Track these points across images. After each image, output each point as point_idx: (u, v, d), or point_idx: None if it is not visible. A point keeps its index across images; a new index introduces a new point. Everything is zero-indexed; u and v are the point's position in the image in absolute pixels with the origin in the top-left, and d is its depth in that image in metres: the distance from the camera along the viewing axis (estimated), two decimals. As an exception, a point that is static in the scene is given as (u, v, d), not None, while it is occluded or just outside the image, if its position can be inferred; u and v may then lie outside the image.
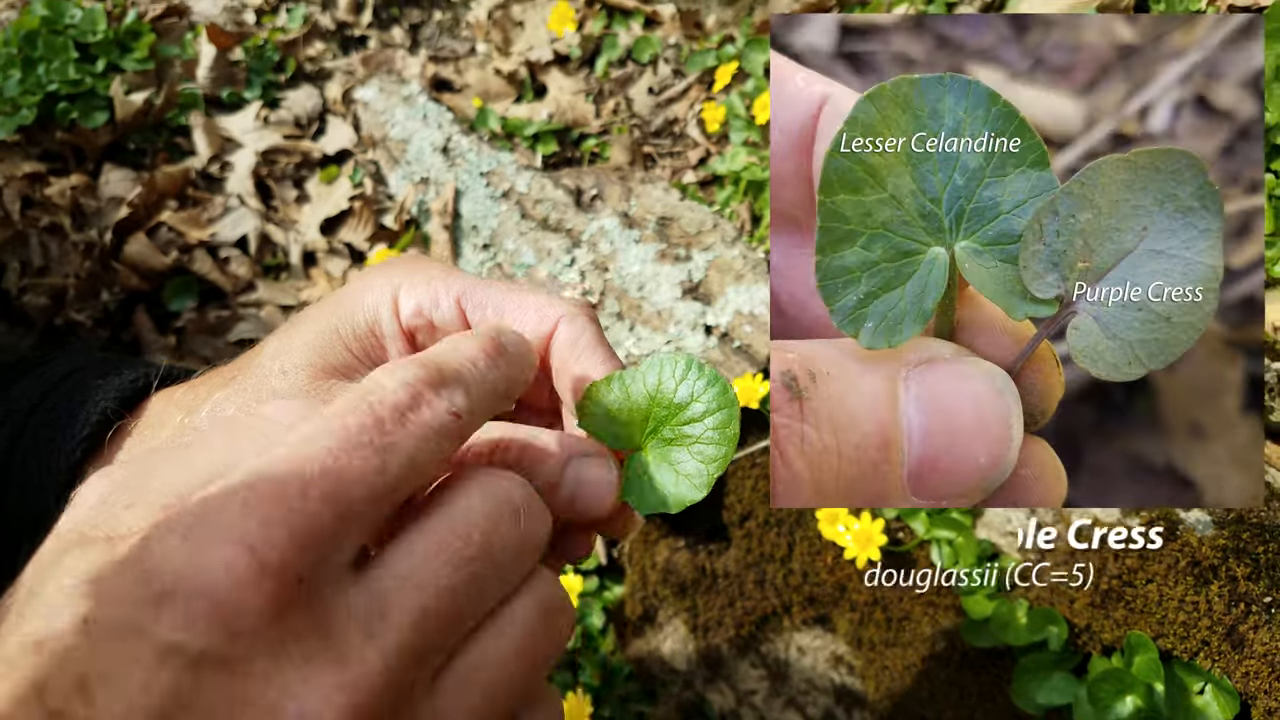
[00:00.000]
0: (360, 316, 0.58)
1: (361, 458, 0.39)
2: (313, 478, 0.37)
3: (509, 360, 0.46)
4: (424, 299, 0.57)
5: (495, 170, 1.52)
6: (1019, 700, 0.97)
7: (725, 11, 1.67)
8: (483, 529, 0.42)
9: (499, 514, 0.43)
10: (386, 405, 0.40)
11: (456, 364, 0.44)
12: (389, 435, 0.40)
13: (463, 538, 0.41)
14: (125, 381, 0.62)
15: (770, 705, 1.20)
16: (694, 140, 1.57)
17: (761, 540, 1.14)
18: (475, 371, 0.44)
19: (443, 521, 0.42)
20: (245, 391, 0.57)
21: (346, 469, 0.38)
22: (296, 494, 0.37)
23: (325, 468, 0.38)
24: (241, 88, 1.74)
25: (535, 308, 0.56)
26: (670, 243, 1.32)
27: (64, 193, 1.52)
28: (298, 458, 0.38)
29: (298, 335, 0.58)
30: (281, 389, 0.56)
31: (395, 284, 0.58)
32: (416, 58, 1.81)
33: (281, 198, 1.63)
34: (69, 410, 0.61)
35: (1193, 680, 0.89)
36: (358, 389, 0.41)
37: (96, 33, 1.64)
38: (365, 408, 0.40)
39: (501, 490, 0.44)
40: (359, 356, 0.58)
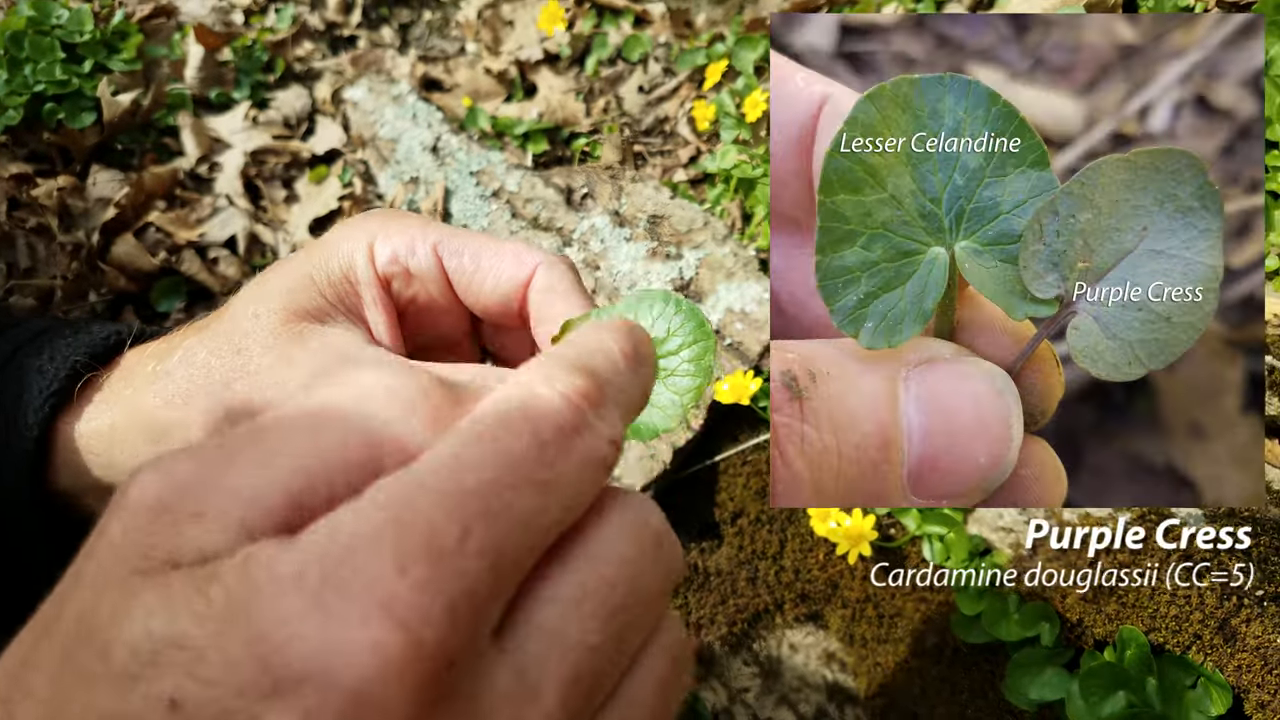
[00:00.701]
0: (335, 263, 0.57)
1: (525, 496, 0.31)
2: (471, 522, 0.29)
3: (645, 368, 0.40)
4: (400, 246, 0.56)
5: (485, 169, 1.52)
6: (1011, 696, 0.97)
7: (715, 10, 1.67)
8: (630, 569, 0.35)
9: (642, 547, 0.35)
10: (550, 426, 0.33)
11: (608, 371, 0.37)
12: (553, 467, 0.32)
13: (610, 583, 0.34)
14: (96, 338, 0.61)
15: (763, 703, 1.20)
16: (684, 139, 1.57)
17: (753, 538, 1.15)
18: (621, 379, 0.38)
19: (584, 562, 0.34)
20: (218, 336, 0.56)
21: (507, 512, 0.30)
22: (454, 546, 0.29)
23: (486, 509, 0.30)
24: (230, 88, 1.73)
25: (513, 254, 0.56)
26: (661, 241, 1.32)
27: (51, 194, 1.51)
28: (451, 489, 0.30)
29: (271, 280, 0.57)
30: (252, 331, 0.54)
31: (371, 232, 0.57)
32: (406, 57, 1.81)
33: (270, 198, 1.63)
34: (38, 367, 0.59)
35: (1185, 674, 0.90)
36: (509, 396, 0.33)
37: (83, 33, 1.63)
38: (527, 427, 0.32)
39: (641, 516, 0.36)
40: (332, 302, 0.56)
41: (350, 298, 0.57)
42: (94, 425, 0.58)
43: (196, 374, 0.55)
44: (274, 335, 0.54)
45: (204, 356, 0.55)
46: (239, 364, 0.54)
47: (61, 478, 0.58)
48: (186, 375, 0.55)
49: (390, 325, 0.58)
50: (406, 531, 0.28)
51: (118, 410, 0.57)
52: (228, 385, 0.53)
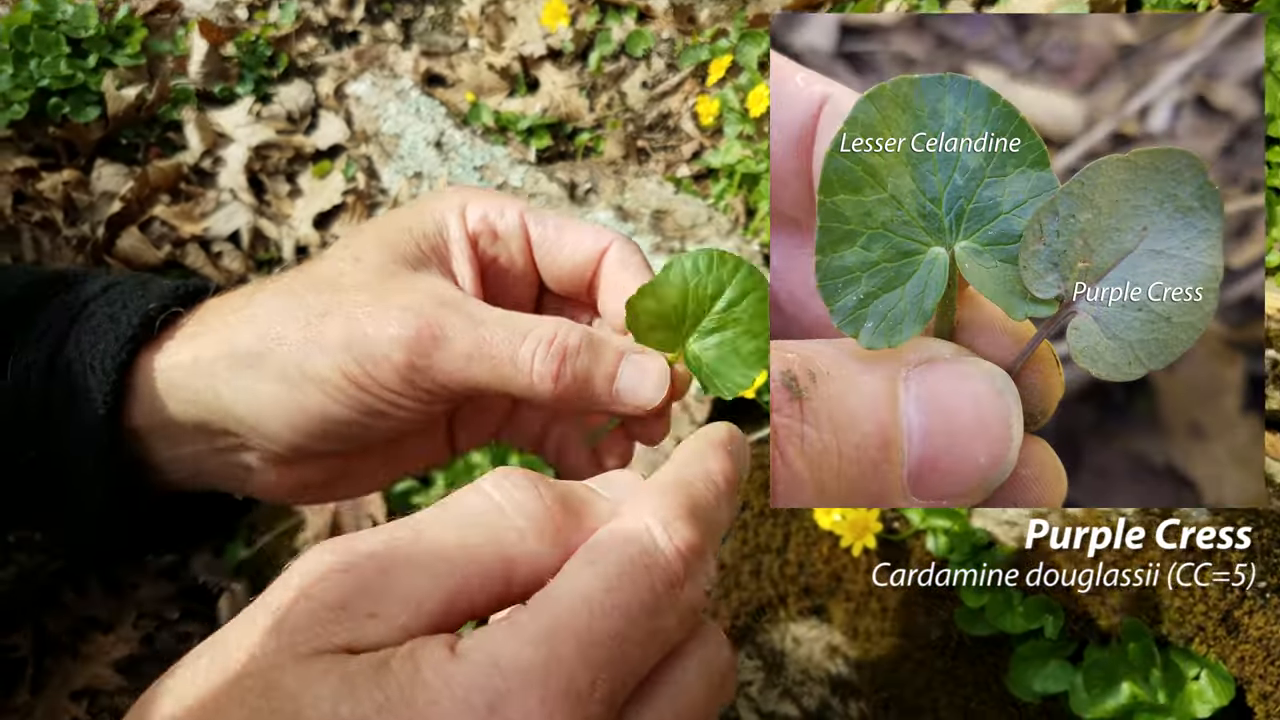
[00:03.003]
0: (430, 219, 0.61)
1: (641, 646, 0.36)
2: (599, 673, 0.35)
3: (736, 493, 0.45)
4: (490, 209, 0.61)
5: (489, 164, 1.52)
6: (1015, 688, 0.97)
7: (718, 6, 1.67)
8: (702, 707, 0.39)
9: (712, 690, 0.40)
10: (663, 581, 0.38)
11: (711, 508, 0.42)
12: (664, 617, 0.37)
13: (690, 709, 0.39)
14: (167, 290, 0.64)
15: (766, 696, 1.21)
16: (688, 134, 1.57)
17: (757, 531, 1.15)
18: (719, 516, 0.43)
19: (672, 693, 0.39)
20: (313, 275, 0.59)
21: (626, 661, 0.36)
22: (586, 692, 0.34)
23: (611, 659, 0.35)
24: (234, 83, 1.73)
25: (592, 231, 0.61)
26: (665, 236, 1.32)
27: (56, 187, 1.52)
28: (585, 637, 0.35)
29: (368, 232, 0.61)
30: (350, 271, 0.58)
31: (464, 197, 0.62)
32: (409, 52, 1.81)
33: (274, 192, 1.63)
34: (111, 316, 0.61)
35: (1188, 666, 0.90)
36: (629, 539, 0.39)
37: (88, 28, 1.63)
38: (645, 580, 0.37)
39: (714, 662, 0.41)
40: (425, 253, 0.60)
41: (441, 250, 0.61)
42: (175, 359, 0.60)
43: (292, 305, 0.57)
44: (373, 274, 0.57)
45: (299, 291, 0.58)
46: (336, 299, 0.56)
47: (135, 415, 0.61)
48: (282, 306, 0.58)
49: (474, 280, 0.61)
50: (552, 677, 0.34)
51: (201, 344, 0.60)
52: (323, 315, 0.56)
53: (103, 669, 1.38)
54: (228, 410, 0.59)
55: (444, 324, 0.54)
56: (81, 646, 1.40)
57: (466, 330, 0.54)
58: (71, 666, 1.38)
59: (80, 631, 1.42)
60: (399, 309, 0.55)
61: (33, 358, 0.61)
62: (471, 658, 0.34)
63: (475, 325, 0.54)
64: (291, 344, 0.56)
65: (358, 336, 0.54)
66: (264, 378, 0.57)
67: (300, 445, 0.59)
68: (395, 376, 0.54)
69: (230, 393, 0.58)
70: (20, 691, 1.36)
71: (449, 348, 0.54)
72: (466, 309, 0.56)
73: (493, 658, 0.34)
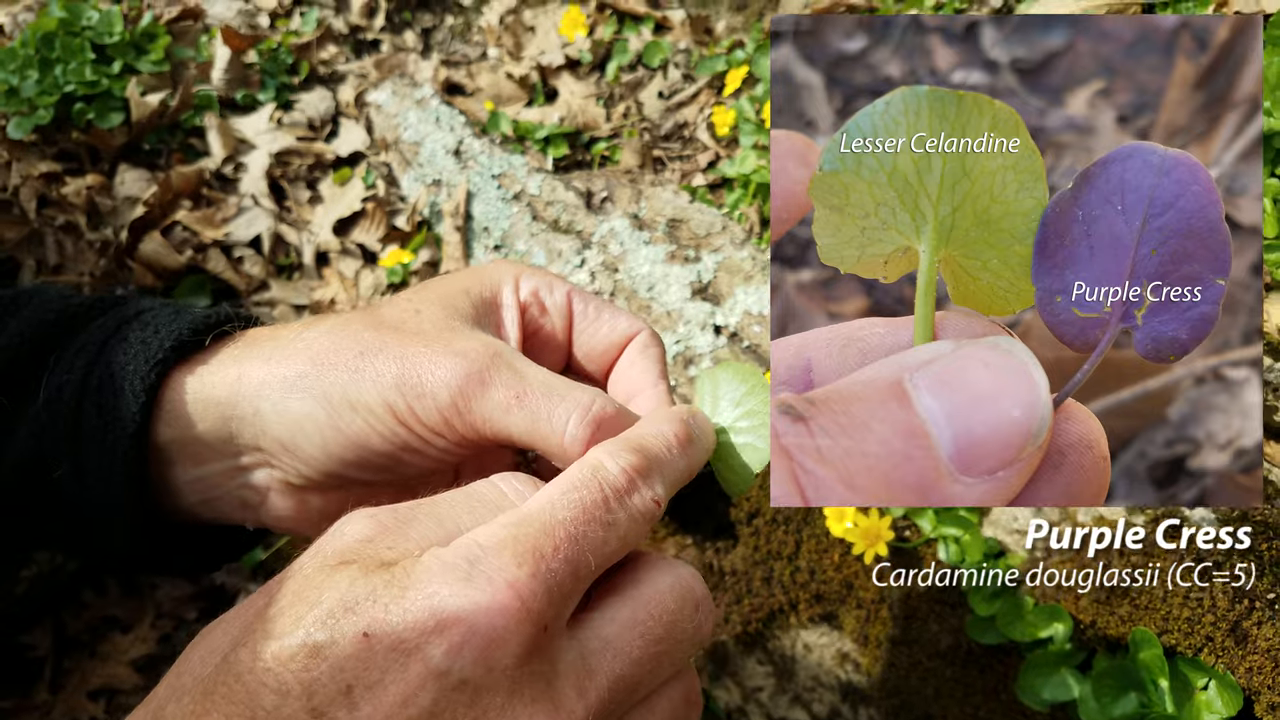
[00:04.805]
0: (487, 285, 0.67)
1: (594, 530, 0.47)
2: (560, 542, 0.45)
3: (695, 449, 0.56)
4: (541, 284, 0.68)
5: (507, 173, 1.54)
6: (1024, 696, 0.98)
7: (735, 17, 1.68)
8: (671, 613, 0.49)
9: (684, 602, 0.50)
10: (611, 487, 0.49)
11: (658, 451, 0.53)
12: (612, 514, 0.48)
13: (655, 617, 0.48)
14: (199, 317, 0.67)
15: (776, 702, 1.21)
16: (703, 144, 1.58)
17: (769, 538, 1.16)
18: (670, 459, 0.53)
19: (639, 598, 0.49)
20: (375, 317, 0.63)
21: (583, 538, 0.46)
22: (550, 553, 0.44)
23: (570, 534, 0.45)
24: (255, 90, 1.75)
25: (626, 318, 0.69)
26: (680, 244, 1.33)
27: (80, 192, 1.54)
28: (547, 522, 0.46)
29: (430, 289, 0.66)
30: (410, 321, 0.62)
31: (518, 270, 0.69)
32: (429, 61, 1.83)
33: (295, 198, 1.65)
34: (143, 340, 0.65)
35: (1196, 676, 0.90)
36: (585, 469, 0.49)
37: (113, 35, 1.65)
38: (596, 486, 0.48)
39: (686, 581, 0.51)
40: (480, 313, 0.66)
41: (495, 313, 0.67)
42: (217, 377, 0.63)
43: (349, 339, 0.61)
44: (430, 324, 0.62)
45: (357, 328, 0.62)
46: (394, 338, 0.61)
47: (162, 432, 0.64)
48: (337, 338, 0.62)
49: (519, 345, 0.67)
50: (520, 542, 0.44)
51: (248, 365, 0.63)
52: (378, 351, 0.60)
53: (121, 668, 1.39)
54: (263, 428, 0.62)
55: (492, 372, 0.58)
56: (100, 646, 1.42)
57: (511, 383, 0.58)
58: (90, 665, 1.39)
59: (99, 631, 1.44)
60: (453, 354, 0.58)
61: (67, 376, 0.64)
62: (455, 543, 0.44)
63: (520, 379, 0.58)
64: (342, 371, 0.60)
65: (410, 373, 0.58)
66: (308, 399, 0.60)
67: (327, 470, 0.62)
68: (438, 416, 0.58)
69: (271, 410, 0.61)
70: (39, 690, 1.38)
71: (493, 395, 0.57)
72: (515, 364, 0.59)
73: (473, 536, 0.45)
